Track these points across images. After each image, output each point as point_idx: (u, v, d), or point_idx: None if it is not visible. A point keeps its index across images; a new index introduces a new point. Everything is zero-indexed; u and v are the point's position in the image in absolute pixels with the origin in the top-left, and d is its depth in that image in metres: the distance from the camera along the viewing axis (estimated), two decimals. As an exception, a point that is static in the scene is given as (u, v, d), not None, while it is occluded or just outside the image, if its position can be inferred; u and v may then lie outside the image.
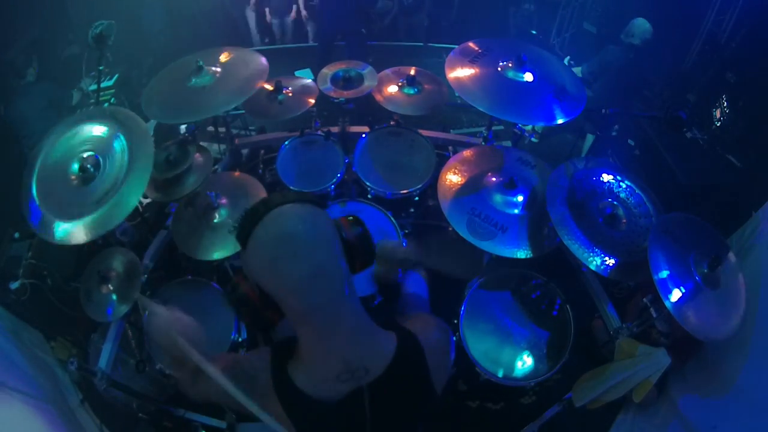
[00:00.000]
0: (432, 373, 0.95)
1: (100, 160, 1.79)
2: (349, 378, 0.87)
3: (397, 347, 0.92)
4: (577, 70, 3.77)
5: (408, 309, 1.52)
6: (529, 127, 3.95)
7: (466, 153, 2.20)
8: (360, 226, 0.95)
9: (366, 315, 0.92)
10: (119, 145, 1.82)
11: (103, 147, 1.83)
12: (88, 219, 1.70)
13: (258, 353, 1.00)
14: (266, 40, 5.18)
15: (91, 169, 1.77)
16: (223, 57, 2.28)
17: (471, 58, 2.10)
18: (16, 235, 2.45)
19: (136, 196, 1.71)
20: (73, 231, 1.69)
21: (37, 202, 1.74)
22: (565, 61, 3.84)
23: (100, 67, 2.35)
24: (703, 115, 3.30)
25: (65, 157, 1.82)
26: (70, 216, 1.71)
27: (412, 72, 2.64)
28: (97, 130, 1.87)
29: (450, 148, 2.76)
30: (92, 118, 1.90)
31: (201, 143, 2.20)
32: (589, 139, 3.78)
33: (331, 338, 0.87)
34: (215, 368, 0.94)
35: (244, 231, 0.83)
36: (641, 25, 3.37)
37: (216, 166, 2.55)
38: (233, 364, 0.99)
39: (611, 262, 1.75)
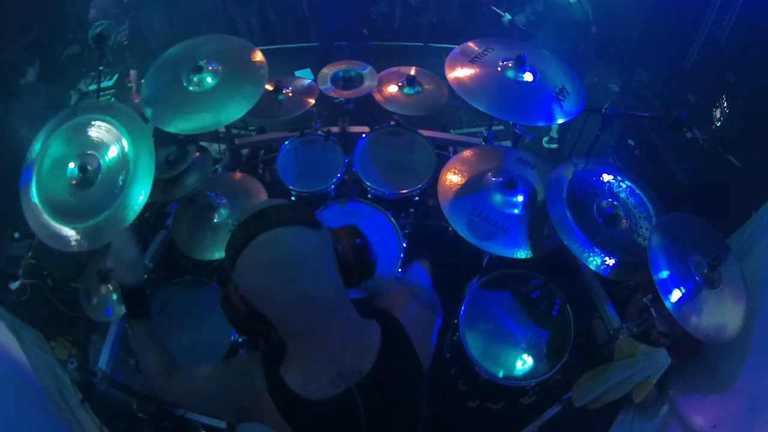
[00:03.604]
0: (418, 350, 0.97)
1: (100, 159, 1.78)
2: (342, 382, 0.89)
3: (382, 336, 0.94)
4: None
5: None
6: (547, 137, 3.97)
7: (466, 153, 2.21)
8: (359, 238, 0.93)
9: (356, 318, 0.92)
10: (119, 146, 1.80)
11: (101, 146, 1.81)
12: (90, 224, 1.66)
13: (250, 356, 1.01)
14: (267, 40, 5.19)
15: (91, 170, 1.75)
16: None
17: (471, 58, 2.10)
18: (16, 235, 2.45)
19: (140, 196, 1.67)
20: (75, 236, 1.66)
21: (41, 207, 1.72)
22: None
23: (100, 67, 2.34)
24: (703, 115, 3.30)
25: (64, 159, 1.80)
26: (73, 221, 1.68)
27: (412, 72, 2.64)
28: (94, 131, 1.85)
29: (450, 148, 2.76)
30: (89, 113, 1.84)
31: (201, 143, 2.20)
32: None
33: (322, 352, 0.88)
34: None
35: (234, 251, 0.80)
36: None
37: (216, 166, 2.55)
38: (227, 364, 1.01)
39: (611, 262, 1.75)
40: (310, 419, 0.91)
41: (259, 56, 2.16)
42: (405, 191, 2.34)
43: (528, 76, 2.02)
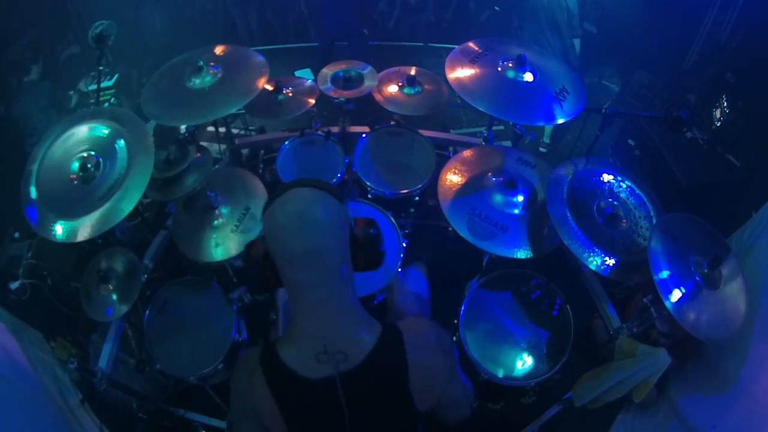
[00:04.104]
0: (411, 373, 0.94)
1: (101, 159, 1.80)
2: (327, 360, 0.91)
3: (379, 339, 0.95)
4: None
5: (406, 307, 1.52)
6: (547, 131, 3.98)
7: (466, 153, 2.20)
8: (374, 228, 1.02)
9: (356, 304, 0.97)
10: (119, 144, 1.82)
11: (103, 147, 1.83)
12: (89, 217, 1.70)
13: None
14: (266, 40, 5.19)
15: (92, 168, 1.77)
16: (218, 50, 2.31)
17: (471, 58, 2.10)
18: (16, 235, 2.45)
19: (137, 194, 1.71)
20: (74, 229, 1.69)
21: (36, 202, 1.75)
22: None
23: (100, 67, 2.35)
24: (703, 115, 3.30)
25: (65, 157, 1.82)
26: (70, 214, 1.71)
27: (412, 72, 2.64)
28: (97, 130, 1.87)
29: (450, 148, 2.76)
30: (91, 118, 1.91)
31: (201, 143, 2.20)
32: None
33: (314, 317, 0.93)
34: None
35: (269, 200, 0.94)
36: None
37: (216, 166, 2.54)
38: None
39: (611, 262, 1.75)
40: (296, 397, 0.94)
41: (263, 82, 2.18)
42: (405, 191, 2.34)
43: (528, 76, 2.01)
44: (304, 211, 0.89)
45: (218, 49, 2.31)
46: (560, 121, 1.90)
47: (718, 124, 3.22)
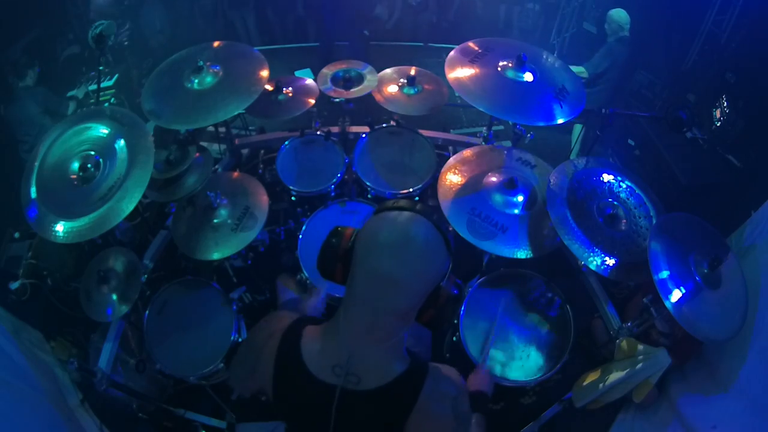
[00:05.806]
0: (411, 417, 0.89)
1: (101, 159, 1.80)
2: (341, 374, 0.90)
3: (400, 375, 0.91)
4: (577, 70, 3.77)
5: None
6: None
7: (466, 153, 2.20)
8: (457, 290, 0.98)
9: (399, 345, 0.94)
10: (119, 144, 1.82)
11: (102, 146, 1.83)
12: (89, 217, 1.70)
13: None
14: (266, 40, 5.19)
15: (92, 168, 1.77)
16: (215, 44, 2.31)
17: (471, 58, 2.10)
18: (16, 235, 2.45)
19: (137, 194, 1.71)
20: (74, 229, 1.70)
21: (37, 202, 1.75)
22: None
23: (100, 67, 2.35)
24: (703, 115, 3.30)
25: (65, 157, 1.83)
26: (71, 214, 1.72)
27: (412, 72, 2.64)
28: (97, 130, 1.87)
29: (450, 148, 2.76)
30: (91, 118, 1.91)
31: (201, 143, 2.20)
32: (577, 129, 3.81)
33: (355, 336, 0.91)
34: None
35: (392, 203, 0.93)
36: (618, 13, 3.63)
37: (216, 166, 2.54)
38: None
39: (611, 262, 1.74)
40: (294, 384, 0.94)
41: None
42: (405, 191, 2.34)
43: (528, 76, 2.02)
44: (408, 243, 0.86)
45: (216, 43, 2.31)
46: (560, 121, 1.90)
47: (718, 124, 3.22)
